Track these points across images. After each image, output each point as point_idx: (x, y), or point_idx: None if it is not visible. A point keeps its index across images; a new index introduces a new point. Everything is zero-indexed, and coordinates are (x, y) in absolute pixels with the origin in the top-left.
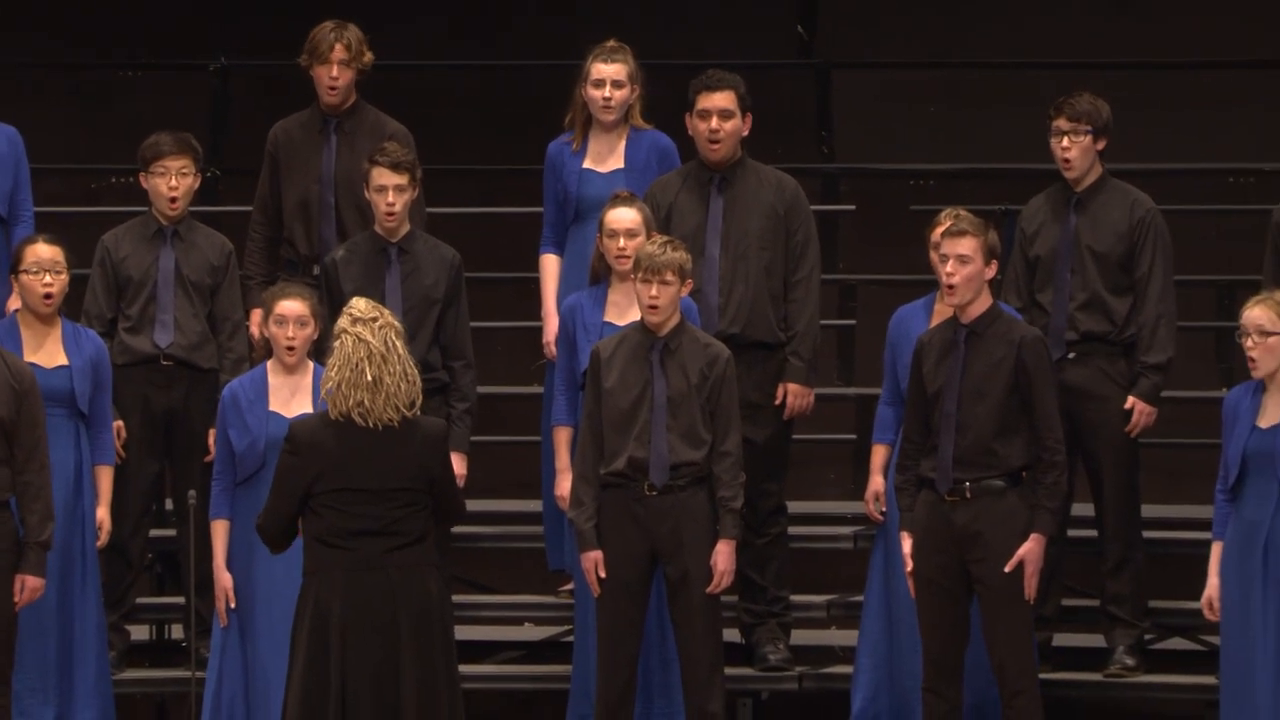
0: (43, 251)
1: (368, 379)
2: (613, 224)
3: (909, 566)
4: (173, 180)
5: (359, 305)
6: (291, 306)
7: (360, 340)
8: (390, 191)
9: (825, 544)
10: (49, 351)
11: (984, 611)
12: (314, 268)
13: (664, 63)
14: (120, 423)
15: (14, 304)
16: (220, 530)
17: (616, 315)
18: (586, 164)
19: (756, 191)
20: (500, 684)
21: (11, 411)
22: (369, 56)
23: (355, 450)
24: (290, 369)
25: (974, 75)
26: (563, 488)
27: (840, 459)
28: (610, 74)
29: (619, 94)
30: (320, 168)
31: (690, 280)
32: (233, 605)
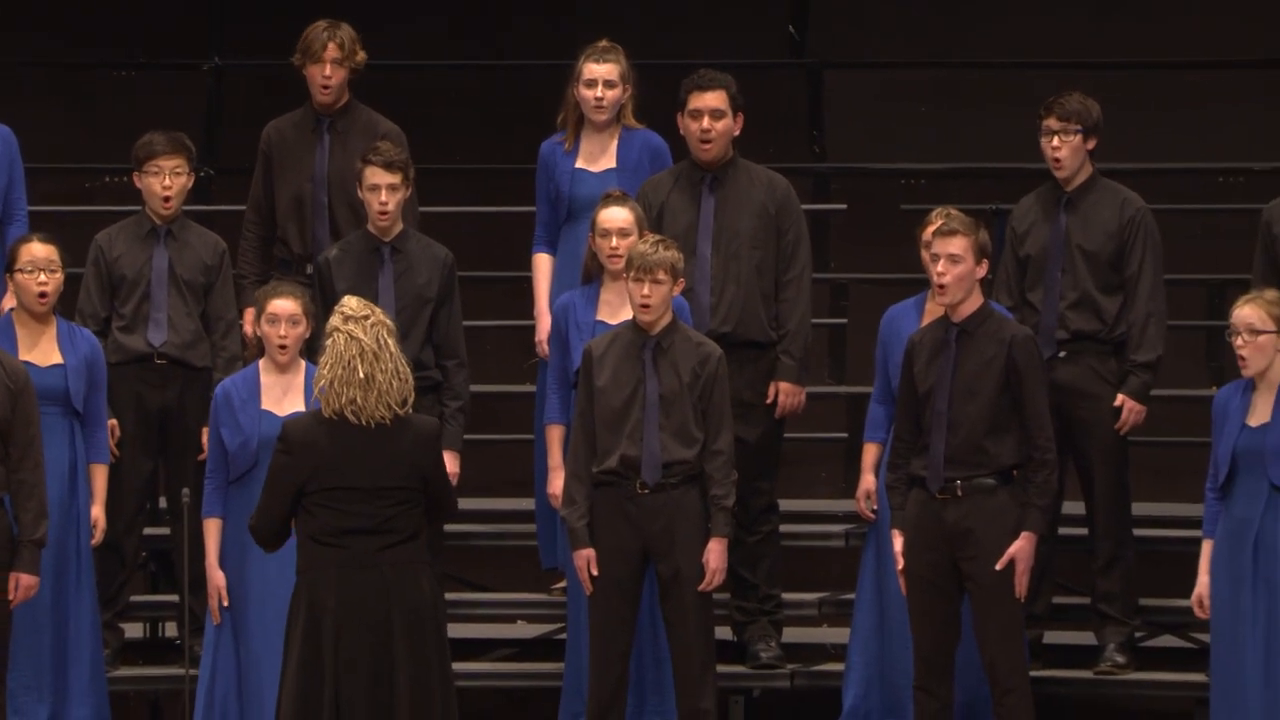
0: (37, 250)
1: (360, 376)
2: (605, 223)
3: (900, 564)
4: (166, 180)
5: (350, 303)
6: (283, 305)
7: (352, 338)
8: (383, 191)
9: (817, 542)
10: (44, 350)
11: (975, 609)
12: (307, 267)
13: (656, 62)
14: (114, 421)
15: (9, 303)
16: (213, 529)
17: (609, 314)
18: (579, 163)
19: (748, 191)
20: (493, 681)
21: (6, 410)
22: (362, 56)
23: (348, 449)
24: (282, 368)
25: (965, 75)
26: (555, 486)
27: (832, 457)
28: (602, 74)
29: (611, 94)
30: (313, 167)
31: (682, 279)
32: (225, 603)
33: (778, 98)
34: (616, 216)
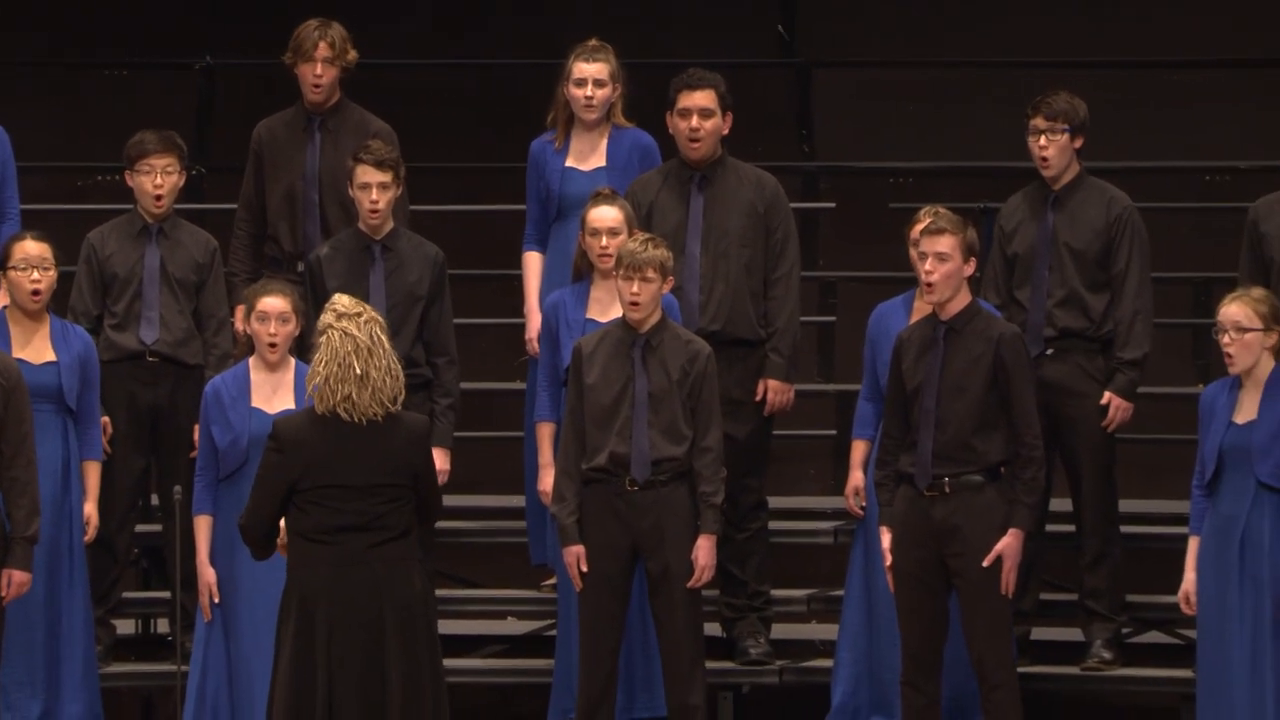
0: (30, 248)
1: (355, 373)
2: (594, 222)
3: (888, 561)
4: (158, 178)
5: (342, 301)
6: (273, 303)
7: (347, 335)
8: (374, 189)
9: (805, 539)
10: (37, 348)
11: (963, 606)
12: (298, 265)
13: (645, 62)
14: (106, 418)
15: (2, 300)
16: (203, 526)
17: (599, 312)
18: (569, 162)
19: (736, 190)
20: (484, 678)
21: None
22: (353, 54)
23: (340, 446)
24: (272, 366)
25: (953, 74)
26: (545, 483)
27: (820, 454)
28: (592, 73)
29: (600, 93)
30: (304, 165)
31: (671, 278)
32: (216, 600)
33: (767, 97)
34: (606, 215)
